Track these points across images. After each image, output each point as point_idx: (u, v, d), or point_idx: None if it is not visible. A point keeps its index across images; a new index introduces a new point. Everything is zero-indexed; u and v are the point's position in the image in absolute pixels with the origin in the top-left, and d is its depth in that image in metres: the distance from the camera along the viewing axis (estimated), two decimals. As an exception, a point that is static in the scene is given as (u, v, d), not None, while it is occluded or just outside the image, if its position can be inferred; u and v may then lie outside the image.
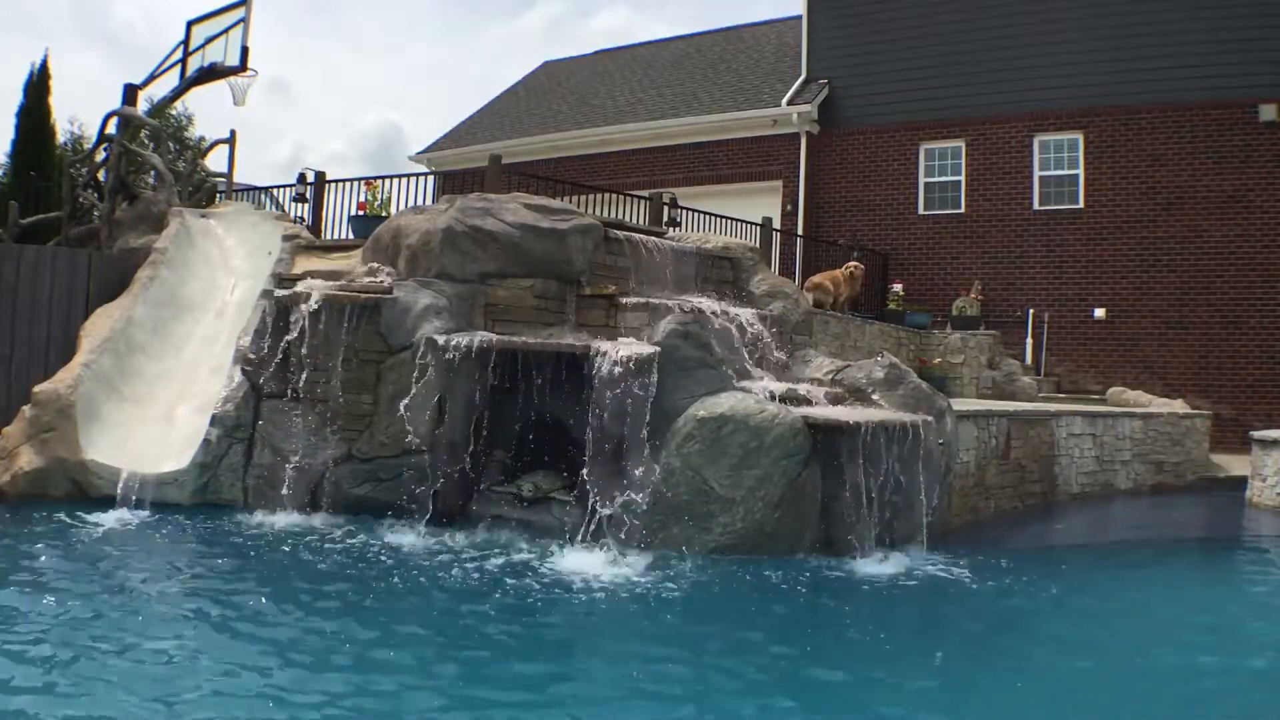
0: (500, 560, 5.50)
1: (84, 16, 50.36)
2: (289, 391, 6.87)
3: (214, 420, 6.90)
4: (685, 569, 5.44)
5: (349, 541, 5.86)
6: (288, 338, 6.90)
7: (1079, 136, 14.74)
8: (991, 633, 4.80)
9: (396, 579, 5.02)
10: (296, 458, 6.72)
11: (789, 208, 16.59)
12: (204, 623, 4.15)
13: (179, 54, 11.50)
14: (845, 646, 4.40)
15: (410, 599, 4.73)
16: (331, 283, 7.18)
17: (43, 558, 5.13)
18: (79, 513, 6.22)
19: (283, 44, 51.37)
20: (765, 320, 7.85)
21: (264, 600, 4.51)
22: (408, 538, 5.97)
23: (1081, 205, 14.70)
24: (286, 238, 8.81)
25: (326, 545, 5.75)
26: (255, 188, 14.89)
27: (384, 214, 9.81)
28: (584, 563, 5.45)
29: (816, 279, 13.16)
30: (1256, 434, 9.69)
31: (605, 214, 11.64)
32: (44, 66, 15.33)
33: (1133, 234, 14.20)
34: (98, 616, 4.13)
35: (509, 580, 5.06)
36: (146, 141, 11.03)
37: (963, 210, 15.67)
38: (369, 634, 4.08)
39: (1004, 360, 14.06)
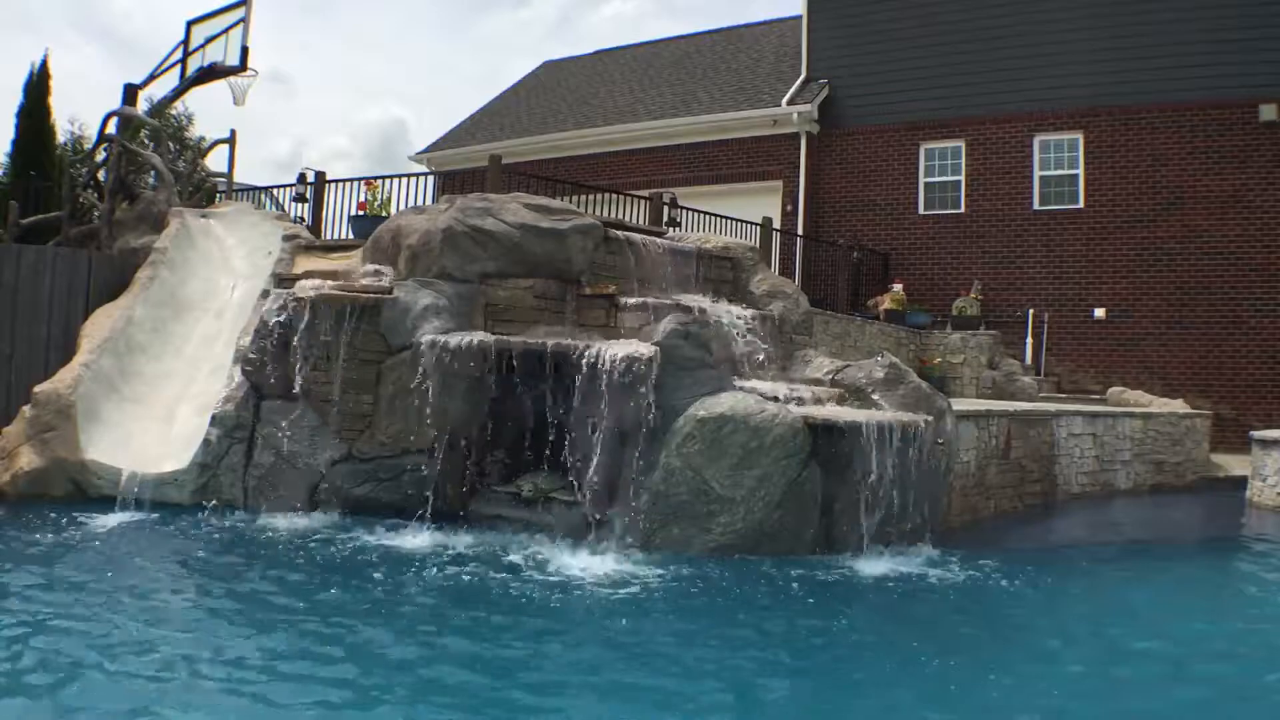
0: (499, 560, 5.50)
1: (84, 17, 50.39)
2: (289, 391, 6.87)
3: (214, 420, 6.90)
4: (685, 569, 5.44)
5: (348, 542, 5.85)
6: (288, 338, 6.90)
7: (1079, 136, 14.74)
8: (985, 636, 4.80)
9: (395, 579, 5.01)
10: (297, 458, 6.73)
11: (789, 208, 16.59)
12: (201, 624, 4.15)
13: (179, 54, 11.52)
14: (838, 649, 4.40)
15: (408, 599, 4.72)
16: (331, 283, 7.18)
17: (43, 558, 5.13)
18: (79, 513, 6.21)
19: (283, 39, 51.42)
20: (765, 320, 7.85)
21: (262, 601, 4.51)
22: (407, 538, 5.96)
23: (1081, 205, 14.70)
24: (286, 238, 8.82)
25: (326, 546, 5.74)
26: (255, 187, 14.91)
27: (384, 214, 9.81)
28: (584, 563, 5.45)
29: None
30: (1256, 434, 9.69)
31: (605, 214, 11.63)
32: (44, 67, 15.31)
33: (1133, 234, 14.21)
34: (95, 619, 4.13)
35: (508, 581, 5.05)
36: (146, 141, 11.05)
37: (963, 210, 15.67)
38: (366, 635, 4.08)
39: (1004, 360, 14.06)
